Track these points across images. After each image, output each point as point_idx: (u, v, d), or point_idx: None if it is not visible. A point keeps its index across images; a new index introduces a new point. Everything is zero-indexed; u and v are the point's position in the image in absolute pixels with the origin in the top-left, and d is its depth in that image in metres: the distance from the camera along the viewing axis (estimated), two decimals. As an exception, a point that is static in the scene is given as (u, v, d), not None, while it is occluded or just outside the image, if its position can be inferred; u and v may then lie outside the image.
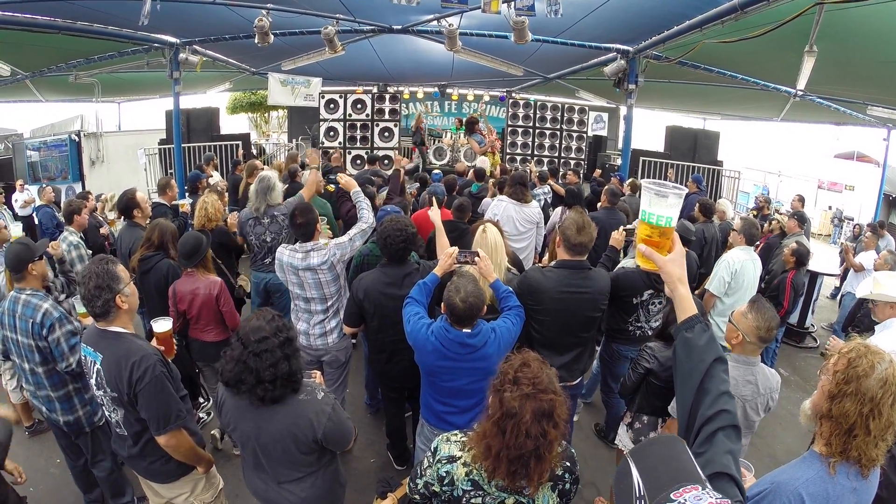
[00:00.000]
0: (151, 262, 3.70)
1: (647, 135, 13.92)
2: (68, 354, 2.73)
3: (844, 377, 1.49)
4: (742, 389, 2.39)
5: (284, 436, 1.95)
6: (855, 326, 5.04)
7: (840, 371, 1.52)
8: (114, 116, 14.56)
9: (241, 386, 1.87)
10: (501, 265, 3.14)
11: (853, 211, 14.78)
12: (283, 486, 2.07)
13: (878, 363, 1.48)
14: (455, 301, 2.31)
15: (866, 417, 1.45)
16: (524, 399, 1.50)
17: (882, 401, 1.45)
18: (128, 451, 2.34)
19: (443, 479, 1.66)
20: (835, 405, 1.49)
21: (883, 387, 1.45)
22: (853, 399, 1.47)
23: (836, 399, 1.50)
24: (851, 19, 4.70)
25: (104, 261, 2.21)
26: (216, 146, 10.44)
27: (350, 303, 3.22)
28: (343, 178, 3.96)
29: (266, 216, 4.38)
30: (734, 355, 2.47)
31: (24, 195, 8.61)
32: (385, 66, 11.18)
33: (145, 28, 6.03)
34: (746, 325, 2.41)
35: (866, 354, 1.50)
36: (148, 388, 2.11)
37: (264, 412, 1.94)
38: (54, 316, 2.73)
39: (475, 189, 6.30)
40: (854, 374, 1.48)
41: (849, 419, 1.46)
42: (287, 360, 1.89)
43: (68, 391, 2.84)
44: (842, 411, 1.48)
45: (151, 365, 2.12)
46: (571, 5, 5.66)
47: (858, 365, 1.48)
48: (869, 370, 1.47)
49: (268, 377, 1.84)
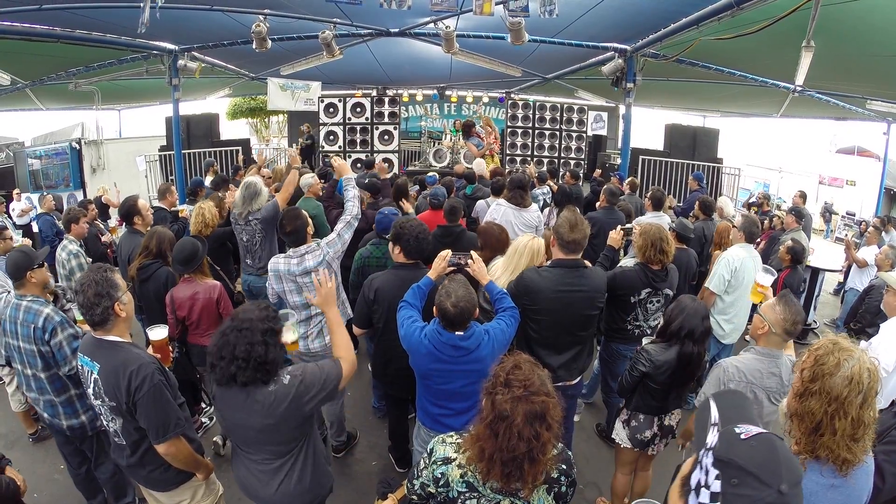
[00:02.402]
0: (150, 270, 3.71)
1: (646, 133, 13.92)
2: (71, 358, 2.76)
3: (811, 375, 1.47)
4: (766, 381, 2.38)
5: (255, 424, 1.98)
6: (857, 322, 5.02)
7: (807, 369, 1.49)
8: (114, 124, 14.65)
9: (219, 363, 1.90)
10: (516, 272, 3.14)
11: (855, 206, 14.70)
12: (264, 473, 2.10)
13: (844, 361, 1.44)
14: (446, 305, 2.32)
15: (832, 417, 1.42)
16: (515, 401, 1.50)
17: (848, 400, 1.41)
18: (126, 461, 2.34)
19: (438, 480, 1.67)
20: (801, 404, 1.47)
21: (849, 385, 1.42)
22: (818, 398, 1.44)
23: (803, 397, 1.48)
24: (848, 14, 4.69)
25: (102, 269, 2.22)
26: (216, 152, 10.48)
27: (361, 303, 3.20)
28: (336, 162, 3.95)
29: (243, 220, 4.45)
30: (758, 348, 2.47)
31: (21, 204, 8.61)
32: (384, 69, 11.20)
33: (144, 35, 6.07)
34: (774, 317, 2.42)
35: (833, 351, 1.47)
36: (147, 397, 2.11)
37: (242, 397, 1.96)
38: (56, 320, 2.77)
39: (469, 191, 6.29)
40: (820, 371, 1.45)
41: (814, 417, 1.44)
42: (265, 345, 1.91)
43: (70, 396, 2.86)
44: (808, 410, 1.45)
45: (150, 374, 2.13)
46: (568, 5, 5.67)
47: (825, 363, 1.46)
48: (834, 368, 1.44)
49: (241, 354, 1.87)
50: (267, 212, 4.38)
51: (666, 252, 3.33)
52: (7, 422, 4.22)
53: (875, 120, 10.24)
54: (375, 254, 3.86)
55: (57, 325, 2.76)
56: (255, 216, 4.40)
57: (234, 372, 1.89)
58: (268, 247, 4.47)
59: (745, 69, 8.10)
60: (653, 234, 3.33)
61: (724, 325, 4.28)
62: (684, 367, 2.74)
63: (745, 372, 2.41)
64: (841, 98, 8.91)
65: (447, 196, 5.17)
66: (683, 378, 2.77)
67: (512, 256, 3.25)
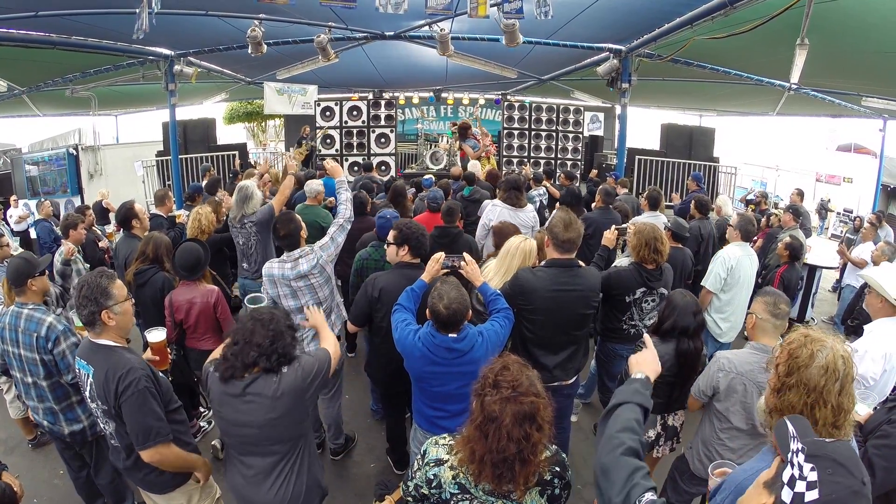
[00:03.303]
0: (147, 276, 3.71)
1: (643, 133, 13.94)
2: (73, 366, 2.74)
3: (786, 369, 1.48)
4: (758, 376, 2.39)
5: (258, 419, 2.01)
6: (854, 318, 5.04)
7: (781, 364, 1.51)
8: (111, 129, 14.66)
9: (237, 349, 1.97)
10: (509, 273, 3.15)
11: (852, 203, 14.74)
12: (259, 478, 2.11)
13: (818, 351, 1.46)
14: (438, 307, 2.33)
15: (812, 407, 1.44)
16: (504, 402, 1.51)
17: (826, 388, 1.43)
18: (122, 464, 2.35)
19: (431, 481, 1.67)
20: (780, 398, 1.49)
21: (825, 374, 1.43)
22: (796, 390, 1.46)
23: (781, 392, 1.49)
24: (842, 11, 4.72)
25: (101, 275, 2.21)
26: (213, 157, 10.48)
27: (362, 301, 3.20)
28: (329, 164, 3.95)
29: (238, 223, 4.46)
30: (752, 343, 2.50)
31: (18, 210, 8.61)
32: (379, 72, 11.22)
33: (140, 41, 6.07)
34: (756, 304, 2.50)
35: (806, 343, 1.48)
36: (130, 402, 2.11)
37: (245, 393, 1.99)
38: (59, 329, 2.76)
39: (467, 193, 6.30)
40: (795, 365, 1.47)
41: (795, 410, 1.45)
42: (291, 337, 2.06)
43: (71, 402, 2.86)
44: (787, 404, 1.47)
45: (136, 379, 2.12)
46: (562, 6, 5.69)
47: (799, 355, 1.47)
48: (809, 360, 1.45)
49: (266, 341, 1.97)
50: (262, 215, 4.39)
51: (660, 251, 3.34)
52: (6, 427, 4.22)
53: (871, 117, 10.27)
54: (374, 256, 3.87)
55: (60, 334, 2.75)
56: (249, 219, 4.41)
57: (255, 358, 1.95)
58: (263, 251, 4.48)
59: (740, 68, 8.13)
60: (647, 234, 3.34)
61: (720, 323, 4.30)
62: (683, 364, 2.75)
63: (735, 364, 2.43)
64: (837, 95, 8.93)
65: (444, 199, 5.18)
66: (683, 374, 2.78)
67: (504, 258, 3.26)
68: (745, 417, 2.43)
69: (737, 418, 2.44)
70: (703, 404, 2.62)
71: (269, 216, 4.36)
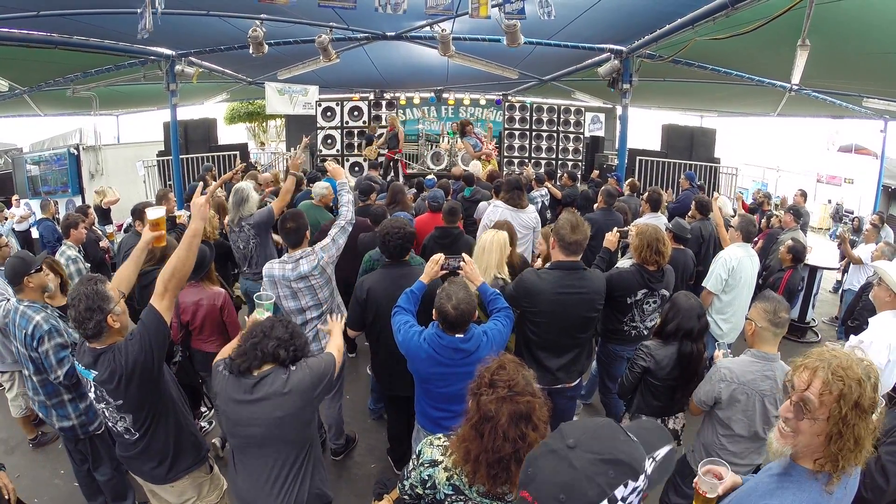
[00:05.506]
0: (151, 276, 3.68)
1: (644, 134, 13.92)
2: (56, 367, 2.81)
3: (839, 410, 1.31)
4: (761, 384, 2.38)
5: (265, 417, 2.02)
6: (854, 319, 5.02)
7: (832, 404, 1.33)
8: (112, 129, 14.65)
9: (256, 337, 2.04)
10: (489, 270, 3.17)
11: (853, 204, 14.73)
12: (262, 481, 2.10)
13: (863, 375, 1.33)
14: (447, 308, 2.32)
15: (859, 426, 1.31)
16: (500, 402, 1.50)
17: (868, 398, 1.32)
18: (131, 451, 2.33)
19: (425, 482, 1.67)
20: (845, 428, 1.31)
21: (875, 390, 1.33)
22: (858, 417, 1.31)
23: (845, 424, 1.31)
24: (843, 12, 4.71)
25: (92, 281, 2.17)
26: (214, 157, 10.49)
27: (353, 304, 3.22)
28: (331, 166, 3.95)
29: (237, 226, 4.45)
30: (752, 351, 2.48)
31: (19, 210, 8.61)
32: (380, 72, 11.22)
33: (141, 41, 6.08)
34: (755, 312, 2.46)
35: (844, 377, 1.32)
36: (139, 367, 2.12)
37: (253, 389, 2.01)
38: (43, 329, 2.82)
39: (468, 193, 6.30)
40: (850, 399, 1.31)
41: (859, 434, 1.31)
42: (305, 340, 2.17)
43: (62, 399, 2.93)
44: (856, 435, 1.32)
45: (135, 349, 2.12)
46: (563, 7, 5.69)
47: (848, 393, 1.31)
48: (857, 387, 1.31)
49: (287, 335, 2.06)
50: (260, 217, 4.37)
51: (662, 253, 3.33)
52: (7, 427, 4.23)
53: (872, 118, 10.27)
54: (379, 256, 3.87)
55: (44, 333, 2.81)
56: (247, 221, 4.39)
57: (274, 348, 2.01)
58: (262, 252, 4.47)
59: (741, 69, 8.12)
60: (649, 235, 3.34)
61: (721, 324, 4.29)
62: (684, 367, 2.75)
63: (737, 374, 2.41)
64: (838, 96, 8.92)
65: (445, 198, 5.19)
66: (685, 377, 2.77)
67: (481, 255, 3.25)
68: (748, 425, 2.42)
69: (739, 426, 2.44)
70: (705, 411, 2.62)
71: (268, 218, 4.35)
